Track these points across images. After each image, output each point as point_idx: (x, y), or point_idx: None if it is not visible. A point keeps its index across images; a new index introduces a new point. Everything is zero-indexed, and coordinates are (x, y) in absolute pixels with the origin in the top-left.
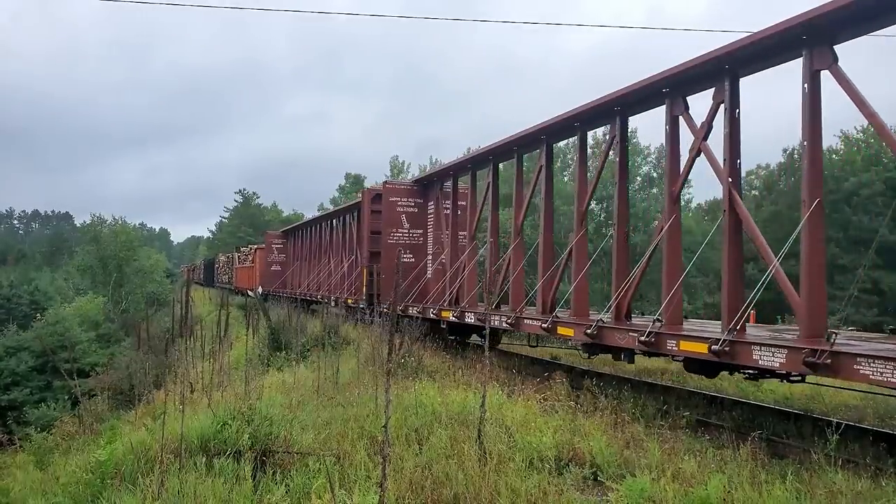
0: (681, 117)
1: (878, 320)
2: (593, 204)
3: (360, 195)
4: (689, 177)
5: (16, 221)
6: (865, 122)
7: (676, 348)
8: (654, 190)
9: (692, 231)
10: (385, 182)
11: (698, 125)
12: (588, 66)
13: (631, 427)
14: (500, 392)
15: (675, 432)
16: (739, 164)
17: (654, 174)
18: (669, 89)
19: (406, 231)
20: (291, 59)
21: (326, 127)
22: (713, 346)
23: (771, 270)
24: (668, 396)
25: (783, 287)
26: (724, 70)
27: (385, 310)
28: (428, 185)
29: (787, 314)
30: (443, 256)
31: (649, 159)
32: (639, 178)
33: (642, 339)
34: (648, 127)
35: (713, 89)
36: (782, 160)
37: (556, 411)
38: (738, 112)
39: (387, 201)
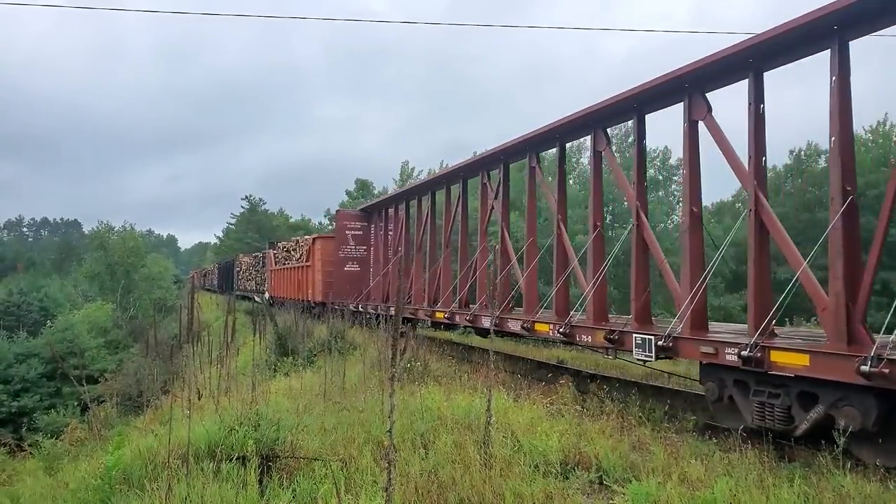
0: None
1: (892, 322)
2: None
3: None
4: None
5: (25, 229)
6: (873, 123)
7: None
8: (661, 193)
9: None
10: None
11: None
12: (626, 65)
13: (637, 431)
14: (506, 396)
15: (681, 436)
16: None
17: (660, 177)
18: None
19: None
20: (326, 63)
21: (354, 132)
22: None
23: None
24: (675, 400)
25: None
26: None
27: None
28: None
29: (794, 315)
30: None
31: (654, 162)
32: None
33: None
34: (653, 132)
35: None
36: (789, 162)
37: (562, 415)
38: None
39: None
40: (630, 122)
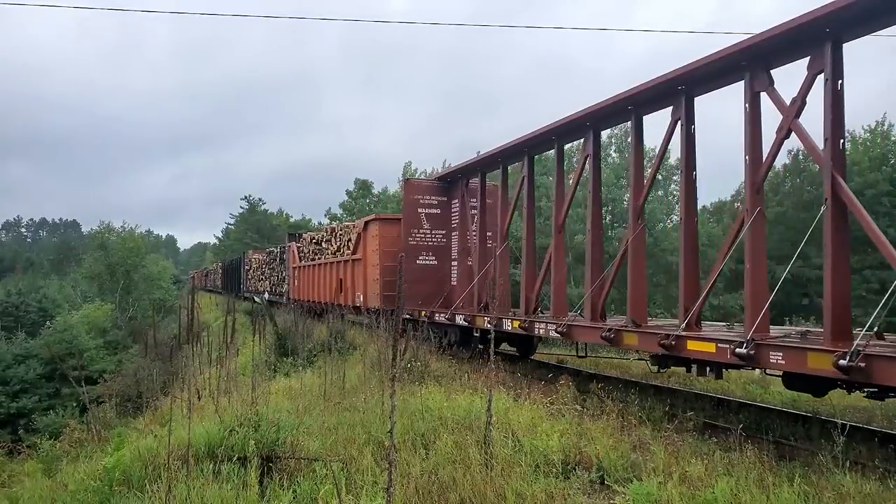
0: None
1: (888, 320)
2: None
3: None
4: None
5: (23, 229)
6: (872, 122)
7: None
8: (660, 192)
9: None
10: None
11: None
12: (642, 67)
13: (638, 430)
14: (507, 396)
15: (681, 435)
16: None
17: (659, 177)
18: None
19: None
20: (340, 63)
21: (366, 131)
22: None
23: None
24: (675, 399)
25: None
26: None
27: None
28: None
29: (794, 315)
30: None
31: (653, 162)
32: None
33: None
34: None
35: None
36: (788, 161)
37: (562, 415)
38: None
39: None
40: (627, 123)
